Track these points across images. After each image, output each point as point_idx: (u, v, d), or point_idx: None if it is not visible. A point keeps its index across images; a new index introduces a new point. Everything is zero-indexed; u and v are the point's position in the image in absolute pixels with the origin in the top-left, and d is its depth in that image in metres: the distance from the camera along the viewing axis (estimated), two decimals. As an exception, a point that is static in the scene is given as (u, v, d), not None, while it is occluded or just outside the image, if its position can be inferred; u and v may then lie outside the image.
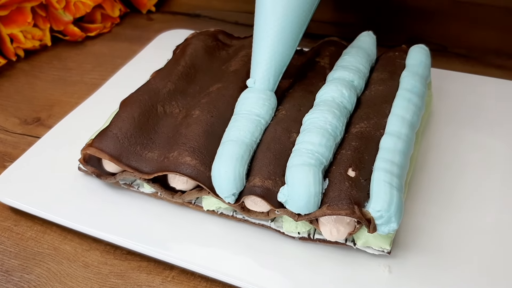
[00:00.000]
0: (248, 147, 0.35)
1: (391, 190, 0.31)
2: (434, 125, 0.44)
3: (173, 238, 0.35)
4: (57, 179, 0.40)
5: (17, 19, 0.56)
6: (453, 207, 0.37)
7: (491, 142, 0.42)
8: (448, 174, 0.39)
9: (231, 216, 0.36)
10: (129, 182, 0.38)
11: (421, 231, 0.35)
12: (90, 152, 0.37)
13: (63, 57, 0.59)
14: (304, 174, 0.31)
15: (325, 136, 0.34)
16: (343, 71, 0.40)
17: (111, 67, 0.56)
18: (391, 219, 0.31)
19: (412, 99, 0.38)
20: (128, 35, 0.63)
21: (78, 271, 0.35)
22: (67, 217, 0.37)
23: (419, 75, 0.40)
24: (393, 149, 0.34)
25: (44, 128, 0.48)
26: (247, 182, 0.34)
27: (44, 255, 0.36)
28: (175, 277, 0.35)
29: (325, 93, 0.38)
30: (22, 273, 0.35)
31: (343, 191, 0.31)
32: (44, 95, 0.53)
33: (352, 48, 0.43)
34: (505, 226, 0.35)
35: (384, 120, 0.36)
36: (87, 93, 0.50)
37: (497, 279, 0.32)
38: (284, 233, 0.35)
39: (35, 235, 0.38)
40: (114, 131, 0.37)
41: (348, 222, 0.32)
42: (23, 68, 0.58)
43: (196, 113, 0.38)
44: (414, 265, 0.33)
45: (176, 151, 0.35)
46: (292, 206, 0.32)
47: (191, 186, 0.36)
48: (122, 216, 0.37)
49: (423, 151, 0.41)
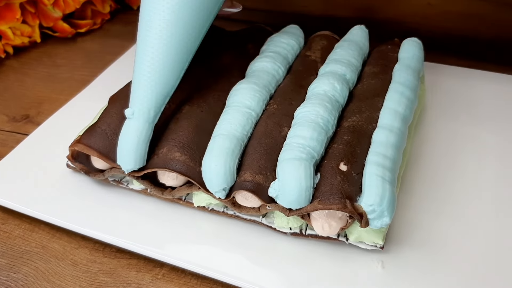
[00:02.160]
0: (239, 141, 0.34)
1: (384, 184, 0.31)
2: (427, 119, 0.44)
3: (163, 235, 0.35)
4: (45, 176, 0.40)
5: (5, 16, 0.55)
6: (446, 201, 0.37)
7: (485, 135, 0.42)
8: (442, 168, 0.39)
9: (222, 212, 0.36)
10: (118, 179, 0.38)
11: (414, 226, 0.35)
12: (78, 148, 0.36)
13: (52, 53, 0.59)
14: (295, 168, 0.31)
15: (317, 130, 0.34)
16: (335, 65, 0.40)
17: (101, 63, 0.55)
18: (384, 214, 0.30)
19: (404, 93, 0.37)
20: (119, 31, 0.63)
21: (66, 270, 0.34)
22: (56, 215, 0.36)
23: (412, 69, 0.40)
24: (386, 143, 0.33)
25: (33, 125, 0.47)
26: (237, 177, 0.33)
27: (32, 254, 0.36)
28: (165, 275, 0.34)
29: (317, 86, 0.38)
30: (9, 272, 0.34)
31: (335, 186, 0.31)
32: (33, 92, 0.53)
33: (344, 42, 0.43)
34: (499, 220, 0.35)
35: (377, 113, 0.36)
36: (76, 90, 0.50)
37: (490, 273, 0.32)
38: (275, 229, 0.34)
39: (23, 233, 0.37)
40: (103, 127, 0.36)
41: (340, 216, 0.32)
42: (12, 65, 0.57)
43: (186, 108, 0.37)
44: (407, 260, 0.33)
45: (165, 147, 0.35)
46: (283, 201, 0.31)
47: (181, 182, 0.35)
48: (111, 213, 0.37)
49: (416, 145, 0.41)
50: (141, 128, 0.34)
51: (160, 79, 0.34)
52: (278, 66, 0.40)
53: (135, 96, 0.34)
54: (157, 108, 0.34)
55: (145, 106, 0.34)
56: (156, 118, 0.34)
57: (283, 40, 0.43)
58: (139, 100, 0.34)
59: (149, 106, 0.34)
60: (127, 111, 0.34)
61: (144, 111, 0.34)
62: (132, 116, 0.34)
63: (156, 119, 0.35)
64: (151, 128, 0.34)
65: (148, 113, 0.34)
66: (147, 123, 0.34)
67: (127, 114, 0.34)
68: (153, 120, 0.34)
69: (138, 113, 0.33)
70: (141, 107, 0.34)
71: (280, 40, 0.43)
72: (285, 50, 0.42)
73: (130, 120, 0.34)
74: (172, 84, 0.35)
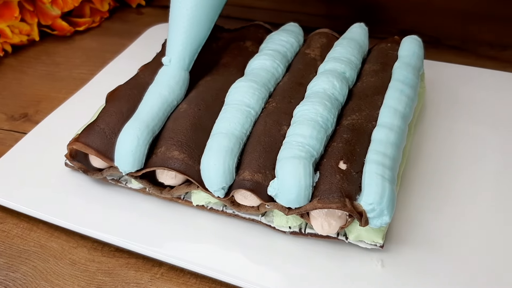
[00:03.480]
0: (238, 139, 0.34)
1: (383, 182, 0.30)
2: (427, 117, 0.44)
3: (162, 234, 0.35)
4: (43, 175, 0.39)
5: (3, 14, 0.55)
6: (446, 199, 0.36)
7: (485, 134, 0.42)
8: (442, 167, 0.39)
9: (221, 211, 0.35)
10: (116, 177, 0.38)
11: (414, 224, 0.35)
12: (76, 147, 0.36)
13: (51, 52, 0.58)
14: (294, 167, 0.31)
15: (316, 128, 0.33)
16: (335, 63, 0.39)
17: (100, 61, 0.55)
18: (383, 212, 0.30)
19: (404, 90, 0.37)
20: (117, 29, 0.62)
21: (65, 269, 0.34)
22: (54, 214, 0.36)
23: (412, 66, 0.40)
24: (385, 141, 0.33)
25: (31, 124, 0.47)
26: (236, 176, 0.33)
27: (30, 253, 0.35)
28: (164, 274, 0.34)
29: (316, 84, 0.37)
30: (7, 271, 0.34)
31: (334, 184, 0.31)
32: (31, 90, 0.52)
33: (344, 40, 0.43)
34: (499, 219, 0.35)
35: (376, 112, 0.36)
36: (75, 88, 0.49)
37: (490, 272, 0.32)
38: (275, 228, 0.34)
39: (21, 232, 0.37)
40: (102, 126, 0.36)
41: (339, 215, 0.31)
42: (10, 64, 0.57)
43: (184, 107, 0.37)
44: (407, 259, 0.33)
45: (163, 146, 0.35)
46: (282, 200, 0.31)
47: (180, 181, 0.35)
48: (109, 212, 0.36)
49: (416, 143, 0.41)
50: (178, 75, 0.38)
51: (193, 32, 0.39)
52: (278, 64, 0.40)
53: (171, 46, 0.39)
54: (191, 57, 0.39)
55: (181, 54, 0.38)
56: (190, 65, 0.39)
57: (282, 38, 0.43)
58: (176, 49, 0.39)
59: (185, 54, 0.39)
60: (164, 59, 0.39)
61: (180, 58, 0.38)
62: (169, 63, 0.38)
63: (190, 67, 0.39)
64: (186, 75, 0.39)
65: (183, 61, 0.39)
66: (182, 70, 0.39)
67: (164, 61, 0.39)
68: (187, 67, 0.39)
69: (175, 60, 0.38)
70: (177, 55, 0.38)
71: (279, 38, 0.43)
72: (284, 48, 0.42)
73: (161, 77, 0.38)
74: (204, 36, 0.39)
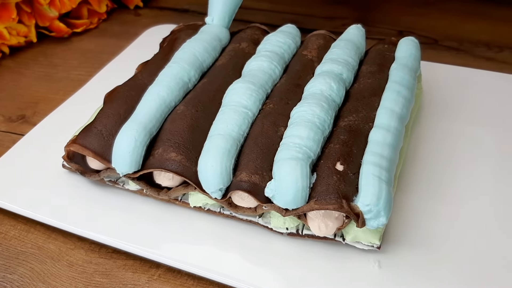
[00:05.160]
0: (235, 141, 0.34)
1: (380, 183, 0.31)
2: (424, 118, 0.44)
3: (159, 236, 0.35)
4: (41, 177, 0.39)
5: (1, 15, 0.55)
6: (443, 201, 0.36)
7: (482, 135, 0.42)
8: (439, 168, 0.39)
9: (218, 213, 0.36)
10: (114, 179, 0.38)
11: (411, 226, 0.35)
12: (73, 149, 0.36)
13: (49, 53, 0.58)
14: (291, 168, 0.31)
15: (313, 129, 0.33)
16: (332, 64, 0.39)
17: (97, 63, 0.55)
18: (380, 213, 0.30)
19: (401, 92, 0.37)
20: (115, 31, 0.63)
21: (62, 271, 0.34)
22: (51, 215, 0.36)
23: (409, 68, 0.40)
24: (382, 142, 0.33)
25: (28, 125, 0.47)
26: (234, 177, 0.33)
27: (27, 255, 0.35)
28: (161, 276, 0.34)
29: (313, 86, 0.37)
30: (4, 273, 0.34)
31: (331, 185, 0.31)
32: (29, 92, 0.52)
33: (341, 41, 0.43)
34: (496, 220, 0.35)
35: (373, 113, 0.36)
36: (73, 90, 0.49)
37: (487, 273, 0.32)
38: (272, 229, 0.34)
39: (19, 234, 0.37)
40: (99, 128, 0.36)
41: (336, 216, 0.31)
42: (8, 65, 0.57)
43: (181, 108, 0.37)
44: (404, 260, 0.33)
45: (161, 148, 0.35)
46: (280, 201, 0.31)
47: (177, 183, 0.35)
48: (107, 214, 0.36)
49: (413, 144, 0.41)
50: (220, 31, 0.44)
51: None
52: (275, 65, 0.40)
53: (214, 7, 0.46)
54: (230, 16, 0.46)
55: (222, 14, 0.45)
56: (229, 23, 0.46)
57: (279, 39, 0.43)
58: (218, 10, 0.46)
59: (225, 14, 0.46)
60: (207, 19, 0.46)
61: (221, 17, 0.46)
62: (212, 22, 0.46)
63: (229, 24, 0.46)
64: (227, 32, 0.45)
65: (223, 19, 0.46)
66: (224, 28, 0.45)
67: (207, 20, 0.46)
68: (227, 25, 0.46)
69: (218, 18, 0.45)
70: (219, 15, 0.45)
71: (276, 39, 0.43)
72: (282, 49, 0.42)
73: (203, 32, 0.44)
74: None
